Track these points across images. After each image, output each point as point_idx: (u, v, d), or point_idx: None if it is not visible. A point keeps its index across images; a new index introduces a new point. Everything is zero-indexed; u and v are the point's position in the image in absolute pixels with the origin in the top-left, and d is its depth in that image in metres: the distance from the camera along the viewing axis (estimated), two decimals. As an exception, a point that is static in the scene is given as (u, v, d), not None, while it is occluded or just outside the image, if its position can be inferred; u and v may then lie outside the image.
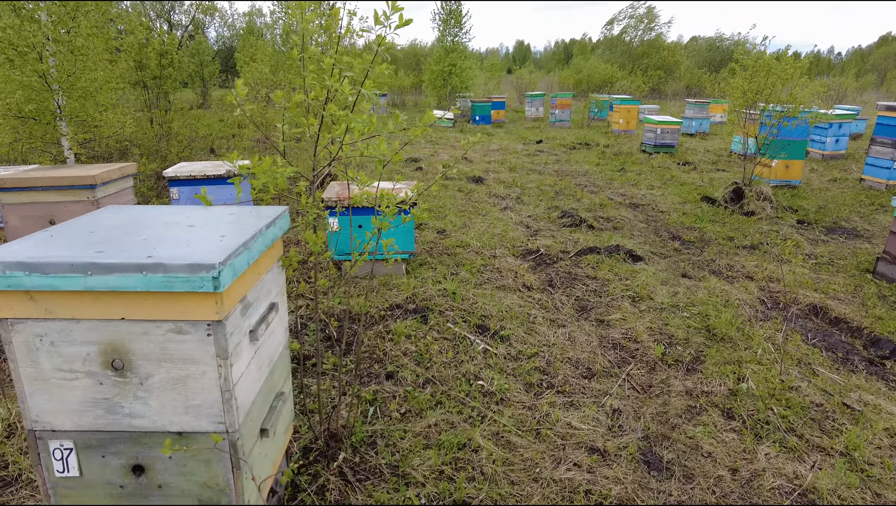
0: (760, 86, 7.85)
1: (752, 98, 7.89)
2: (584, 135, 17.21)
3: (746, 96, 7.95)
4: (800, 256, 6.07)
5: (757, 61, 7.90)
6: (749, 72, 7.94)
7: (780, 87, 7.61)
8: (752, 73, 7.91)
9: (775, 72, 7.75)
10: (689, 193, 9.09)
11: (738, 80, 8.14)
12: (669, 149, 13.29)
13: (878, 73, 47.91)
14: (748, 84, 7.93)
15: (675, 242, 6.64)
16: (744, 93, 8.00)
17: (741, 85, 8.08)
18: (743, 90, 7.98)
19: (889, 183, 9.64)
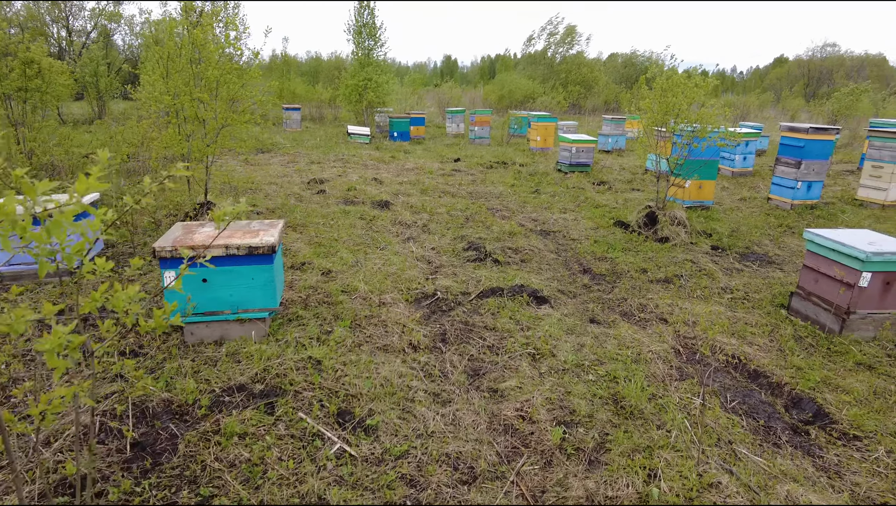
0: (671, 104, 7.55)
1: (663, 117, 7.57)
2: (503, 153, 16.83)
3: (658, 114, 7.63)
4: (715, 291, 5.66)
5: (668, 79, 7.61)
6: (657, 91, 7.63)
7: (688, 106, 7.33)
8: (663, 91, 7.60)
9: (685, 91, 7.47)
10: (603, 217, 8.69)
11: (648, 99, 7.82)
12: (585, 168, 13.05)
13: (775, 92, 51.32)
14: (660, 102, 7.62)
15: (586, 276, 6.10)
16: (655, 111, 7.67)
17: (653, 103, 7.76)
18: (654, 108, 7.65)
19: (794, 203, 9.67)
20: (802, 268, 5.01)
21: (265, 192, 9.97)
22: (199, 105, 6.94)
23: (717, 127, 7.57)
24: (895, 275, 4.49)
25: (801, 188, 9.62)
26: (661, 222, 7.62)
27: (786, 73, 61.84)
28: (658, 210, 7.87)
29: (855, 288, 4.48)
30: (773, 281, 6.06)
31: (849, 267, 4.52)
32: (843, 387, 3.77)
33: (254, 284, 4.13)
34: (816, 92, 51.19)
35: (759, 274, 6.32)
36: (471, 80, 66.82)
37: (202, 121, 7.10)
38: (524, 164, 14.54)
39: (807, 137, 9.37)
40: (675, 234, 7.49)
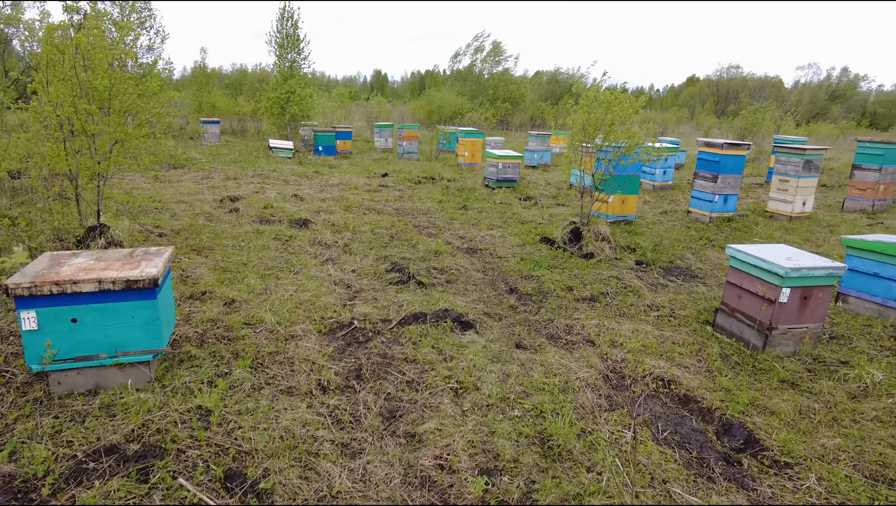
0: (599, 121, 7.53)
1: (591, 133, 7.53)
2: (432, 168, 16.62)
3: (586, 131, 7.58)
4: (641, 308, 5.57)
5: (595, 96, 7.59)
6: (584, 107, 7.59)
7: (618, 125, 7.33)
8: (590, 107, 7.57)
9: (614, 108, 7.46)
10: (529, 234, 8.56)
11: (576, 114, 7.77)
12: (511, 183, 13.01)
13: (689, 109, 54.41)
14: (587, 118, 7.58)
15: (512, 296, 5.87)
16: (583, 127, 7.63)
17: (580, 120, 7.71)
18: (582, 124, 7.60)
19: (712, 215, 9.95)
20: (726, 284, 4.98)
21: (172, 211, 9.20)
22: (86, 118, 6.22)
23: (642, 143, 7.62)
24: (812, 290, 4.51)
25: (719, 201, 9.92)
26: (585, 238, 7.55)
27: (698, 91, 65.80)
28: (582, 226, 7.81)
29: (776, 304, 4.46)
30: (698, 296, 6.05)
31: (769, 283, 4.50)
32: (770, 408, 3.67)
33: (134, 322, 3.57)
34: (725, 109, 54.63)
35: (684, 289, 6.32)
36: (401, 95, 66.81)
37: (91, 135, 6.37)
38: (452, 179, 14.37)
39: (722, 153, 9.68)
40: (599, 249, 7.43)
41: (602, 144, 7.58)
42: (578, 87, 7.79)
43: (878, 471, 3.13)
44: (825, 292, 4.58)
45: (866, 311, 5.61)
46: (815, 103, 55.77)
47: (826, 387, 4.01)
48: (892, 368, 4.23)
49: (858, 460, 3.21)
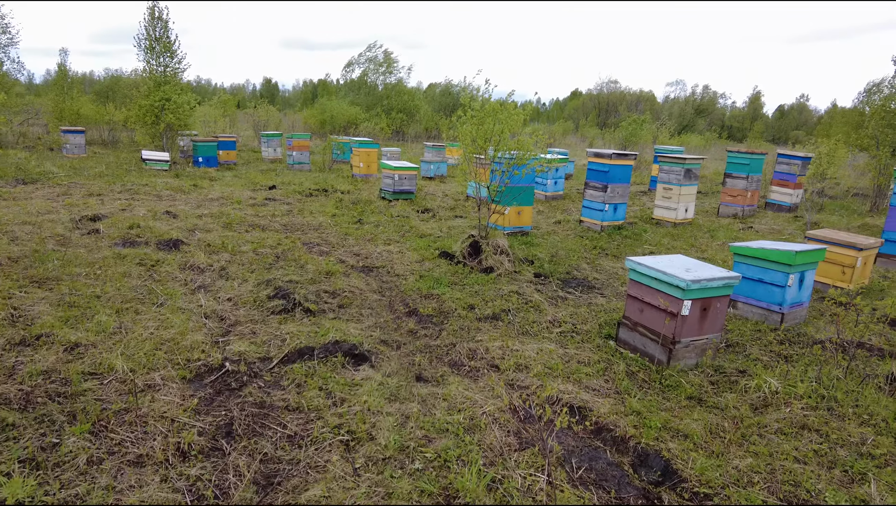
0: (489, 131, 7.32)
1: (481, 144, 7.31)
2: (324, 179, 15.86)
3: (476, 142, 7.34)
4: (544, 325, 5.35)
5: (483, 107, 7.38)
6: (476, 118, 7.36)
7: (507, 135, 7.16)
8: (480, 118, 7.35)
9: (502, 119, 7.29)
10: (428, 248, 8.19)
11: (466, 125, 7.51)
12: (409, 195, 12.64)
13: (574, 121, 57.36)
14: (477, 130, 7.34)
15: (412, 318, 5.44)
16: (473, 139, 7.38)
17: (470, 131, 7.46)
18: (472, 136, 7.36)
19: (603, 224, 10.16)
20: (627, 298, 4.87)
21: (13, 235, 7.82)
22: None
23: (534, 154, 7.52)
24: (711, 301, 4.49)
25: (609, 210, 10.15)
26: (484, 252, 7.31)
27: (581, 104, 69.74)
28: (481, 239, 7.57)
29: (678, 317, 4.38)
30: (597, 308, 5.96)
31: (670, 296, 4.41)
32: (682, 431, 3.51)
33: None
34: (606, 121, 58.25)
35: (583, 301, 6.21)
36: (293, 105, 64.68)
37: None
38: (347, 191, 13.74)
39: (611, 163, 9.91)
40: (499, 263, 7.21)
41: (495, 154, 7.39)
42: (466, 98, 7.55)
43: (791, 492, 3.02)
44: (723, 302, 4.58)
45: (753, 315, 5.78)
46: (684, 116, 61.02)
47: (730, 400, 3.94)
48: (785, 376, 4.27)
49: (771, 480, 3.10)
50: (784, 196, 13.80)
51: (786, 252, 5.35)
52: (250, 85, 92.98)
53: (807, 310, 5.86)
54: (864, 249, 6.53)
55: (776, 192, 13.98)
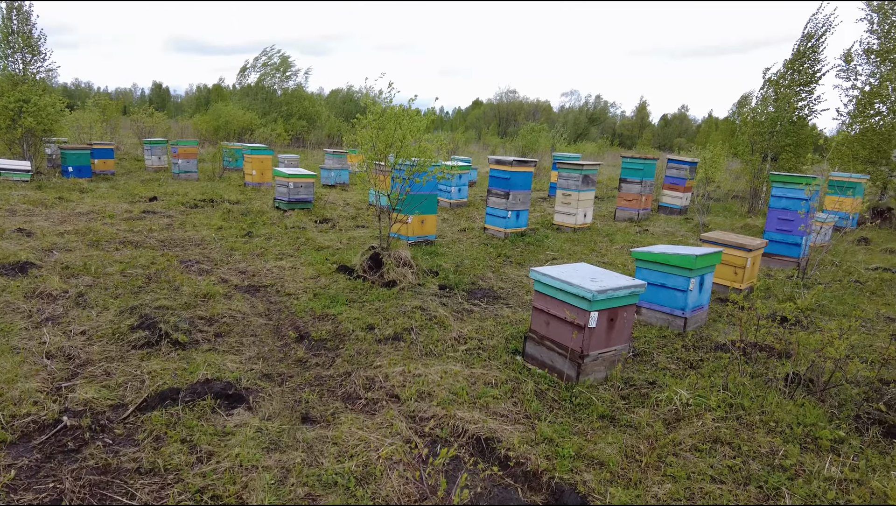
0: (390, 137, 6.87)
1: (381, 150, 6.85)
2: (213, 189, 14.66)
3: (376, 148, 6.87)
4: (449, 343, 4.97)
5: (385, 111, 6.91)
6: (377, 122, 6.89)
7: (409, 140, 6.75)
8: (381, 123, 6.89)
9: (404, 124, 6.87)
10: (325, 262, 7.59)
11: (366, 129, 7.02)
12: (306, 204, 11.89)
13: (476, 130, 58.36)
14: (377, 135, 6.87)
15: (302, 344, 4.85)
16: (373, 144, 6.90)
17: (370, 135, 6.97)
18: (372, 141, 6.88)
19: (507, 231, 10.03)
20: (533, 310, 4.60)
21: None
22: None
23: (435, 161, 7.17)
24: (617, 311, 4.31)
25: (512, 217, 10.03)
26: (386, 265, 6.84)
27: (482, 113, 71.26)
28: (382, 251, 7.09)
29: (585, 329, 4.15)
30: (504, 320, 5.68)
31: (577, 307, 4.18)
32: (598, 458, 3.23)
33: None
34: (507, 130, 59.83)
35: (489, 313, 5.91)
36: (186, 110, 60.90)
37: None
38: (237, 201, 12.73)
39: (512, 169, 9.80)
40: (401, 276, 6.77)
41: (395, 161, 6.97)
42: (366, 100, 7.07)
43: (711, 518, 2.81)
44: (629, 312, 4.42)
45: (657, 321, 5.74)
46: (579, 125, 64.04)
47: (643, 416, 3.74)
48: (694, 386, 4.16)
49: (690, 507, 2.88)
50: (675, 199, 14.50)
51: (686, 256, 5.34)
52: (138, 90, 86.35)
53: (707, 312, 5.92)
54: (753, 249, 6.77)
55: (667, 195, 14.66)
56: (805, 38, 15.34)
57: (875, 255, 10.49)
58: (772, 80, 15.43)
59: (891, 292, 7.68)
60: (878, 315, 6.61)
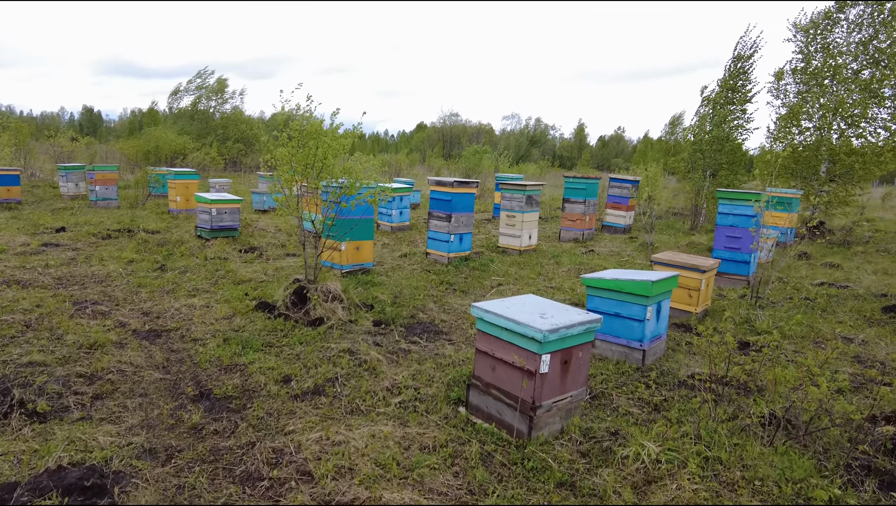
0: (310, 156, 6.15)
1: (300, 170, 6.12)
2: (133, 217, 13.42)
3: (294, 169, 6.14)
4: (380, 395, 4.24)
5: (304, 128, 6.20)
6: (295, 140, 6.16)
7: (331, 159, 6.05)
8: (299, 140, 6.17)
9: (327, 142, 6.18)
10: (244, 298, 6.73)
11: (283, 148, 6.27)
12: (231, 232, 10.92)
13: (421, 152, 58.16)
14: (296, 154, 6.14)
15: (200, 405, 4.01)
16: (290, 164, 6.17)
17: (287, 154, 6.23)
18: (289, 161, 6.14)
19: (450, 256, 9.42)
20: (476, 353, 3.95)
21: None
22: None
23: (366, 183, 6.49)
24: (572, 351, 3.72)
25: (455, 241, 9.44)
26: (312, 300, 6.06)
27: (427, 136, 71.35)
28: (309, 283, 6.31)
29: (537, 376, 3.53)
30: (445, 361, 5.00)
31: (526, 350, 3.56)
32: (557, 548, 2.58)
33: None
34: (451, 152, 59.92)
35: (429, 353, 5.23)
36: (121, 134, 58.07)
37: None
38: (157, 230, 11.61)
39: (453, 191, 9.24)
40: (330, 312, 6.00)
41: (317, 183, 6.26)
42: (282, 116, 6.35)
43: None
44: (585, 351, 3.83)
45: (613, 354, 5.21)
46: (520, 147, 64.98)
47: (609, 480, 3.13)
48: (663, 436, 3.59)
49: None
50: (618, 218, 14.34)
51: (642, 283, 4.85)
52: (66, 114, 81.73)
53: (665, 341, 5.44)
54: (707, 270, 6.40)
55: (611, 214, 14.49)
56: (736, 58, 15.71)
57: (817, 269, 10.49)
58: (710, 98, 15.67)
59: (840, 309, 7.50)
60: (834, 335, 6.34)
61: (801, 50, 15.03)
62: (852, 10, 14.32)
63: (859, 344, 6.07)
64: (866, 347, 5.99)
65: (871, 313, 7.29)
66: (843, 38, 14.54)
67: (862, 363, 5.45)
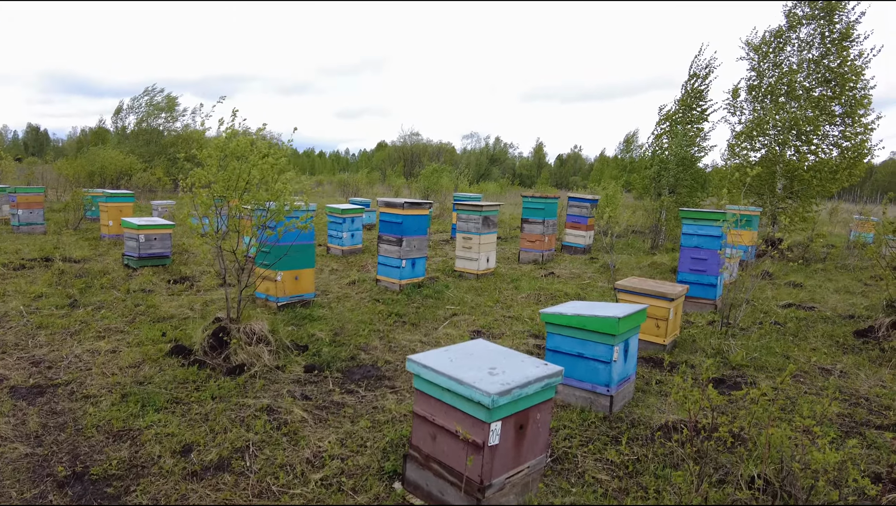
0: (234, 176, 5.40)
1: (219, 191, 5.36)
2: (57, 244, 12.23)
3: (213, 190, 5.37)
4: (297, 468, 3.48)
5: (227, 145, 5.45)
6: (214, 158, 5.40)
7: (256, 180, 5.31)
8: (222, 158, 5.42)
9: (253, 161, 5.44)
10: (159, 341, 5.86)
11: (200, 169, 5.51)
12: (162, 261, 9.96)
13: (382, 172, 57.47)
14: (213, 172, 5.38)
15: (67, 492, 3.17)
16: (209, 184, 5.40)
17: (205, 175, 5.46)
18: (207, 181, 5.37)
19: (402, 283, 8.72)
20: (414, 417, 3.25)
21: None
22: None
23: (298, 207, 5.76)
24: (528, 414, 3.06)
25: (407, 266, 8.75)
26: (233, 343, 5.25)
27: (387, 155, 70.80)
28: (231, 323, 5.50)
29: (485, 449, 2.85)
30: (384, 417, 4.27)
31: (472, 417, 2.88)
32: None
33: None
34: (412, 171, 59.46)
35: (366, 406, 4.49)
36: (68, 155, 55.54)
37: None
38: (80, 259, 10.52)
39: (404, 213, 8.57)
40: (254, 357, 5.21)
41: (239, 206, 5.52)
42: (198, 133, 5.58)
43: None
44: (545, 411, 3.18)
45: (577, 400, 4.58)
46: (481, 166, 65.08)
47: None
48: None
49: None
50: (578, 238, 13.93)
51: (608, 320, 4.24)
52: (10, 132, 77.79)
53: (634, 383, 4.85)
54: (675, 298, 5.89)
55: (570, 234, 14.07)
56: (692, 77, 15.67)
57: (781, 289, 10.21)
58: (668, 114, 15.55)
59: (812, 334, 7.11)
60: (810, 365, 5.89)
61: (755, 67, 15.07)
62: (803, 29, 14.44)
63: (838, 376, 5.62)
64: (846, 379, 5.54)
65: (843, 339, 6.92)
66: (795, 57, 14.64)
67: (846, 401, 4.98)
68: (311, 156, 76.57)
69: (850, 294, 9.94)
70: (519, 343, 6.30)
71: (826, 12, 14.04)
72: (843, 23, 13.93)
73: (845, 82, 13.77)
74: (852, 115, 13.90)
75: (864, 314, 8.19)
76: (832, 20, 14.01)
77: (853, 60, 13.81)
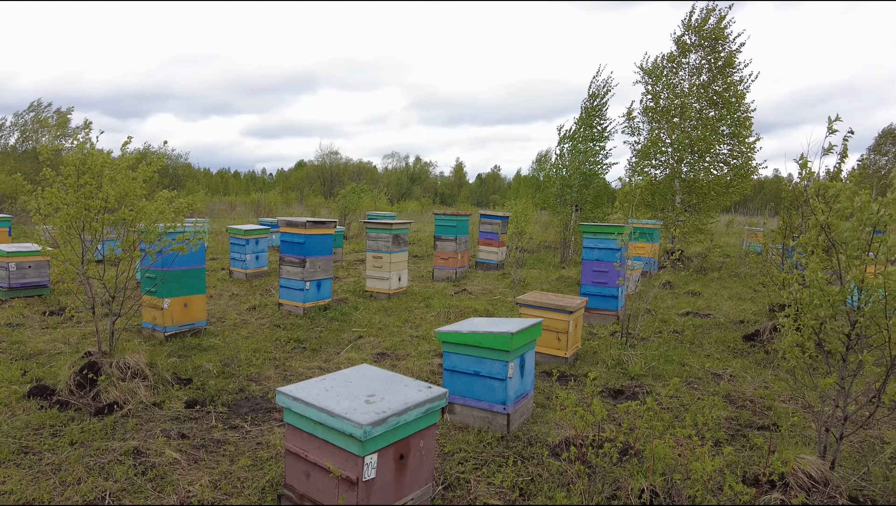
0: (93, 197, 4.95)
1: (75, 215, 4.87)
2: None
3: (69, 212, 4.88)
4: (160, 518, 3.10)
5: (83, 162, 4.97)
6: (71, 178, 4.90)
7: (113, 199, 4.86)
8: (79, 175, 4.93)
9: (118, 180, 5.00)
10: (16, 382, 5.19)
11: (51, 189, 5.00)
12: (39, 290, 9.01)
13: (300, 191, 56.09)
14: (73, 194, 4.88)
15: None
16: (64, 205, 4.90)
17: (56, 196, 4.96)
18: (61, 203, 4.86)
19: (306, 306, 8.34)
20: (286, 454, 2.98)
21: None
22: None
23: (174, 227, 5.33)
24: (409, 442, 2.87)
25: (311, 288, 8.39)
26: (103, 379, 4.72)
27: (306, 174, 69.25)
28: (103, 357, 4.96)
29: (359, 485, 2.63)
30: (268, 453, 3.94)
31: (346, 451, 2.65)
32: None
33: None
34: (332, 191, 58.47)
35: (250, 441, 4.14)
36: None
37: None
38: (-63, 293, 9.31)
39: (307, 232, 8.24)
40: (129, 394, 4.71)
41: (98, 228, 5.06)
42: (45, 149, 5.08)
43: None
44: (428, 437, 3.00)
45: (475, 421, 4.44)
46: (402, 185, 65.10)
47: None
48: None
49: None
50: (491, 254, 14.05)
51: (500, 336, 4.16)
52: None
53: (532, 399, 4.79)
54: (574, 311, 5.94)
55: (483, 251, 14.18)
56: (591, 97, 16.37)
57: (681, 298, 10.70)
58: (567, 134, 16.12)
59: (707, 341, 7.43)
60: (704, 371, 6.12)
61: (650, 90, 15.98)
62: (692, 55, 15.50)
63: (728, 380, 5.86)
64: (735, 383, 5.78)
65: (733, 343, 7.27)
66: (687, 81, 15.66)
67: (733, 403, 5.17)
68: (226, 176, 73.63)
69: (741, 301, 10.56)
70: (423, 364, 6.12)
71: (710, 42, 15.16)
72: (726, 51, 15.09)
73: (730, 105, 14.87)
74: (738, 135, 15.02)
75: (752, 319, 8.70)
76: (716, 48, 15.15)
77: (736, 85, 14.97)
